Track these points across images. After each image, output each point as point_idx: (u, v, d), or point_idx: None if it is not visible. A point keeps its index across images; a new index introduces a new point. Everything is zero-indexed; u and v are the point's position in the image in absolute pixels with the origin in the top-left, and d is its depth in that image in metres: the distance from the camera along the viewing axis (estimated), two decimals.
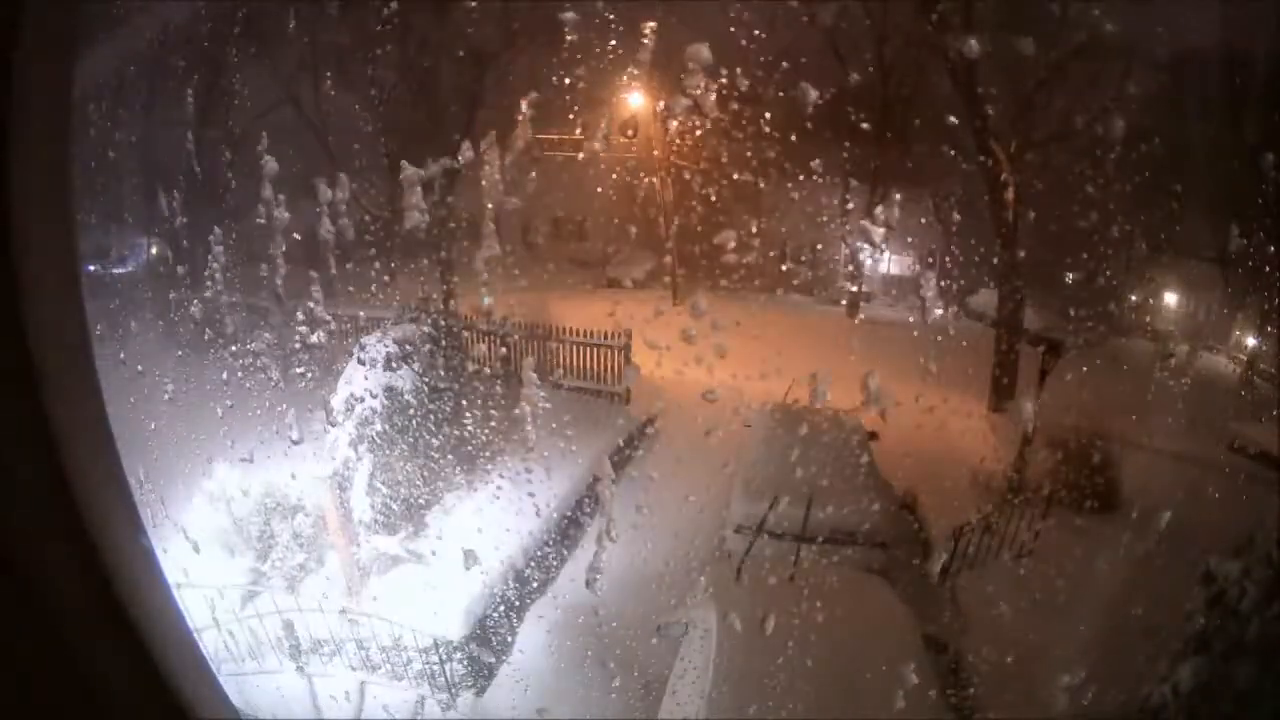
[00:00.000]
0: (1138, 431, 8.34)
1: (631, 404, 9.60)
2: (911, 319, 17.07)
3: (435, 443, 6.30)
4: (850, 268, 18.43)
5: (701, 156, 15.94)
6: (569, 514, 7.02)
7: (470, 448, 7.04)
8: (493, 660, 5.51)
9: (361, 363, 5.97)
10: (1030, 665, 5.25)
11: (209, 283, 7.76)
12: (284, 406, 6.82)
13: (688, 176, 16.49)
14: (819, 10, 14.43)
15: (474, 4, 13.49)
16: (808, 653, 4.20)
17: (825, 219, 17.77)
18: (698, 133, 15.09)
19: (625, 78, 14.41)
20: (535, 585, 6.25)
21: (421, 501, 6.14)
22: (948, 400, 10.87)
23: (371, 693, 5.01)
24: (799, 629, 4.43)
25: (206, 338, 7.27)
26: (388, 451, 5.89)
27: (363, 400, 5.79)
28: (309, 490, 5.89)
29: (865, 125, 16.46)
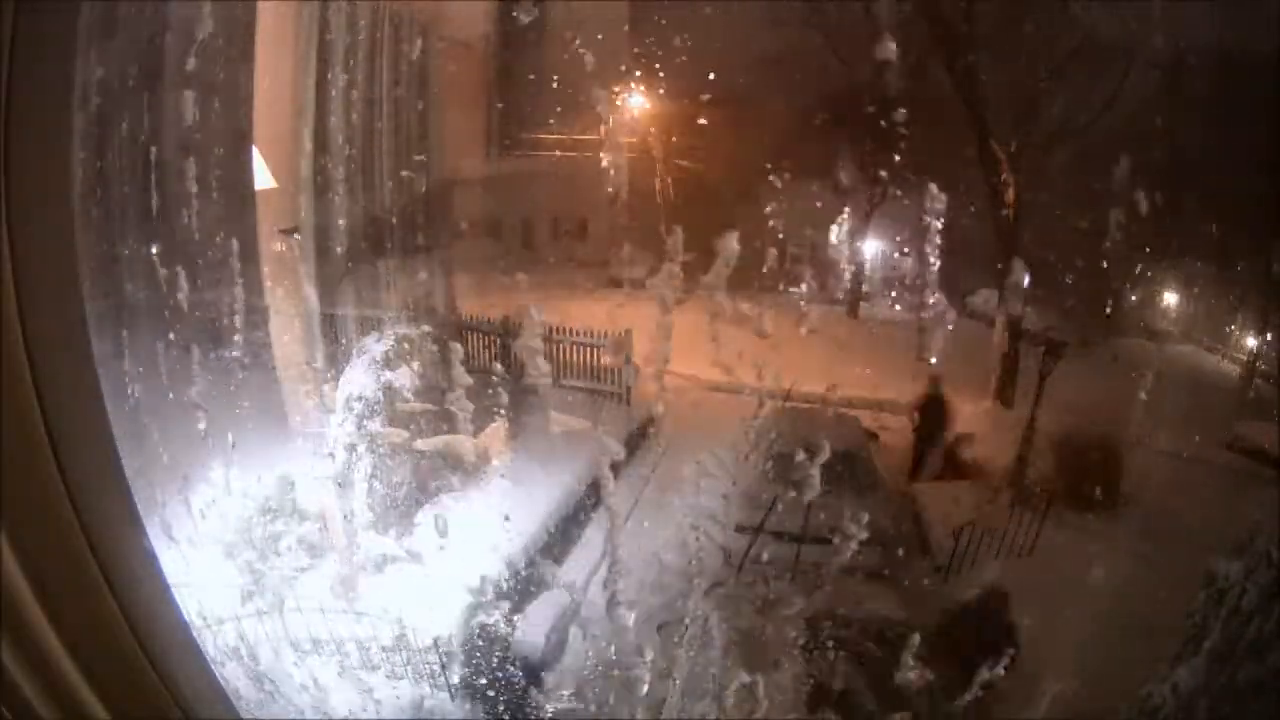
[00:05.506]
0: (1138, 431, 8.35)
1: (632, 403, 9.62)
2: (911, 318, 17.08)
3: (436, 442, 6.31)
4: (850, 268, 18.41)
5: (702, 156, 15.93)
6: (569, 514, 7.03)
7: (470, 447, 7.04)
8: (493, 660, 5.51)
9: (361, 362, 5.97)
10: (1030, 665, 5.25)
11: (209, 282, 7.76)
12: (283, 407, 6.83)
13: (687, 177, 16.49)
14: (819, 10, 14.43)
15: (475, 2, 13.48)
16: (808, 652, 4.21)
17: (825, 219, 17.75)
18: (698, 133, 15.08)
19: (626, 77, 14.41)
20: (534, 585, 6.26)
21: (421, 501, 6.14)
22: (947, 400, 10.88)
23: (371, 693, 5.01)
24: (799, 628, 4.43)
25: (206, 337, 7.26)
26: (387, 451, 5.89)
27: (363, 400, 5.78)
28: (308, 490, 5.90)
29: (865, 125, 16.45)
